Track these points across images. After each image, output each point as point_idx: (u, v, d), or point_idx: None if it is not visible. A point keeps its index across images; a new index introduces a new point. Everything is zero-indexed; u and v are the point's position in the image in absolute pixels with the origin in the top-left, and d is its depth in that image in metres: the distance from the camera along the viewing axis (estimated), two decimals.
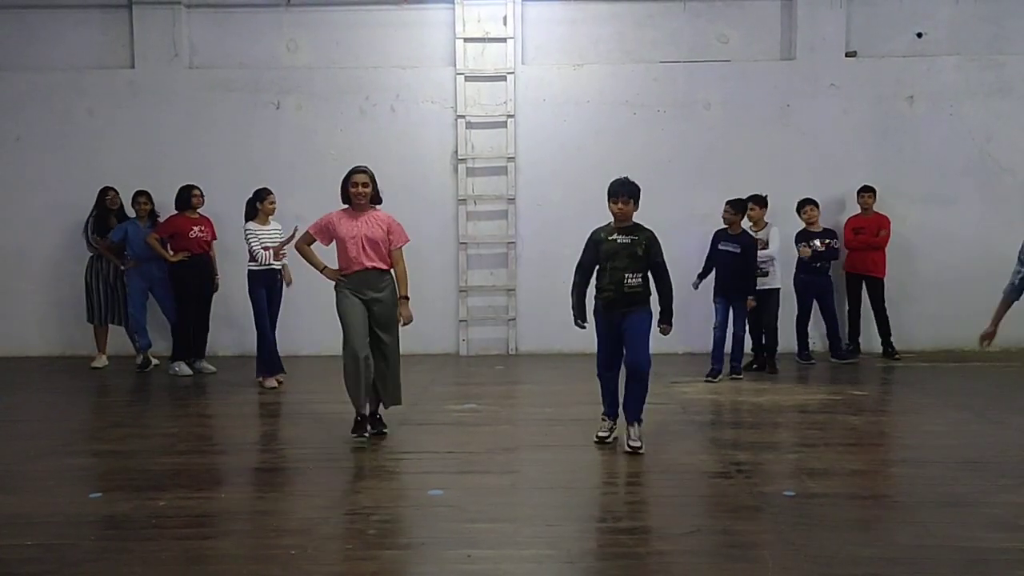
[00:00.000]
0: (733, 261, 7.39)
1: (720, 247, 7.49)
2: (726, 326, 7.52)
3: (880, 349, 8.66)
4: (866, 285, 8.59)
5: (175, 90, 9.08)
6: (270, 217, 7.43)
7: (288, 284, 7.75)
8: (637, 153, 8.97)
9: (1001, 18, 8.98)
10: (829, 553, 3.61)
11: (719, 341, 7.51)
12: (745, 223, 7.75)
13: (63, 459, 5.21)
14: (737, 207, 7.52)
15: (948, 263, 8.98)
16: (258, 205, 7.33)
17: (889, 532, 3.87)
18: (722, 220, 7.57)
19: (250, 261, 7.28)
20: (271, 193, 7.43)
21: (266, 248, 7.24)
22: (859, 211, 8.65)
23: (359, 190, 5.60)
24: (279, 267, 7.42)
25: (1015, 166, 8.97)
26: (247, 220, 7.34)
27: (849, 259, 8.65)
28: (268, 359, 7.38)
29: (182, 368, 7.98)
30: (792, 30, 9.01)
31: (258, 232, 7.27)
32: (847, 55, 9.01)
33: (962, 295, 8.95)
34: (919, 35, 9.04)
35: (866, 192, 8.58)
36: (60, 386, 7.75)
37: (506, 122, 9.05)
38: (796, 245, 8.29)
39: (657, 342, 9.27)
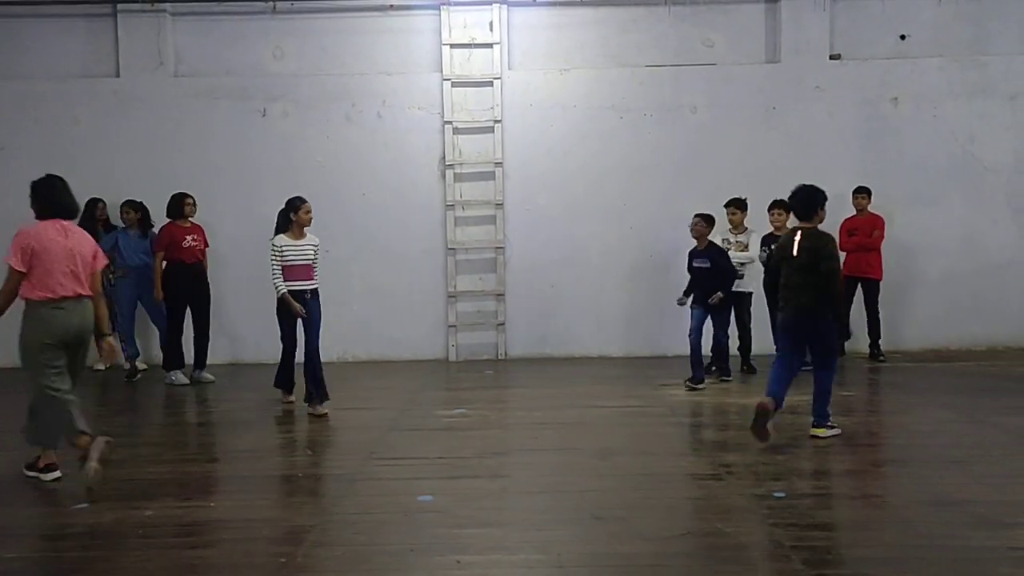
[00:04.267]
0: (705, 276, 7.35)
1: (695, 264, 7.47)
2: (701, 331, 7.40)
3: (867, 350, 8.68)
4: (862, 287, 8.55)
5: (161, 98, 9.04)
6: (306, 229, 6.52)
7: None
8: (623, 157, 9.00)
9: (982, 19, 9.06)
10: (819, 553, 3.63)
11: (696, 346, 7.36)
12: (722, 228, 7.82)
13: None
14: (709, 220, 7.47)
15: (933, 263, 9.04)
16: (292, 216, 6.42)
17: (878, 532, 3.88)
18: (692, 234, 7.44)
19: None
20: (305, 202, 6.46)
21: (288, 269, 6.37)
22: (854, 212, 8.61)
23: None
24: (312, 287, 6.49)
25: (998, 166, 9.05)
26: (277, 233, 6.50)
27: (846, 262, 8.60)
28: (283, 374, 6.86)
29: (178, 377, 7.87)
30: (776, 33, 9.07)
31: (285, 249, 6.38)
32: (831, 58, 9.07)
33: (947, 295, 9.03)
34: (902, 37, 9.11)
35: (860, 193, 8.55)
36: None
37: (493, 127, 9.06)
38: (760, 247, 8.26)
39: (649, 345, 9.30)
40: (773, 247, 8.08)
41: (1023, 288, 9.03)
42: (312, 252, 6.48)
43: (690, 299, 7.49)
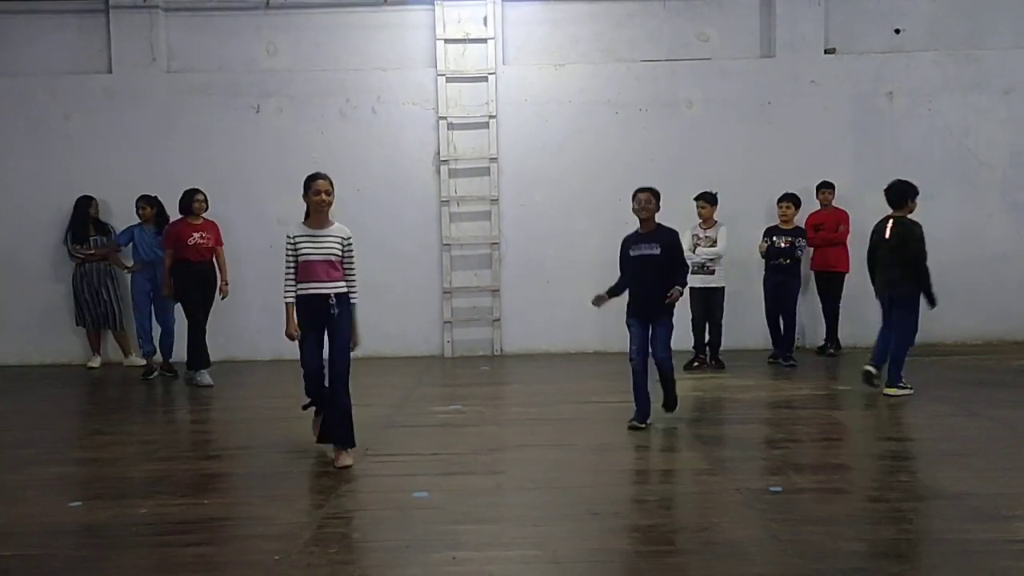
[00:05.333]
0: (653, 266, 5.59)
1: (632, 253, 5.71)
2: (647, 353, 5.71)
3: (822, 343, 8.66)
4: (827, 280, 8.54)
5: (153, 94, 9.00)
6: (333, 216, 5.08)
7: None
8: (619, 152, 8.98)
9: (977, 13, 9.06)
10: (815, 548, 3.61)
11: (640, 373, 5.68)
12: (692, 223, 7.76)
13: (44, 468, 5.13)
14: (658, 196, 5.71)
15: (928, 256, 8.98)
16: (304, 199, 4.99)
17: (874, 525, 3.88)
18: (639, 214, 5.70)
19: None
20: (317, 178, 4.94)
21: (305, 266, 4.90)
22: (819, 207, 8.59)
23: None
24: (337, 289, 4.99)
25: (993, 160, 9.05)
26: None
27: (814, 257, 8.60)
28: (330, 423, 5.08)
29: (203, 378, 7.58)
30: (771, 28, 9.05)
31: (300, 241, 4.93)
32: (826, 52, 9.06)
33: (942, 288, 8.96)
34: (897, 31, 9.11)
35: (825, 188, 8.55)
36: (44, 394, 7.64)
37: (488, 123, 9.04)
38: (763, 238, 8.21)
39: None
40: (775, 239, 8.12)
41: (1018, 282, 9.04)
42: (337, 246, 4.99)
43: (609, 299, 5.85)
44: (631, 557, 3.60)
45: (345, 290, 5.05)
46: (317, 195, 4.93)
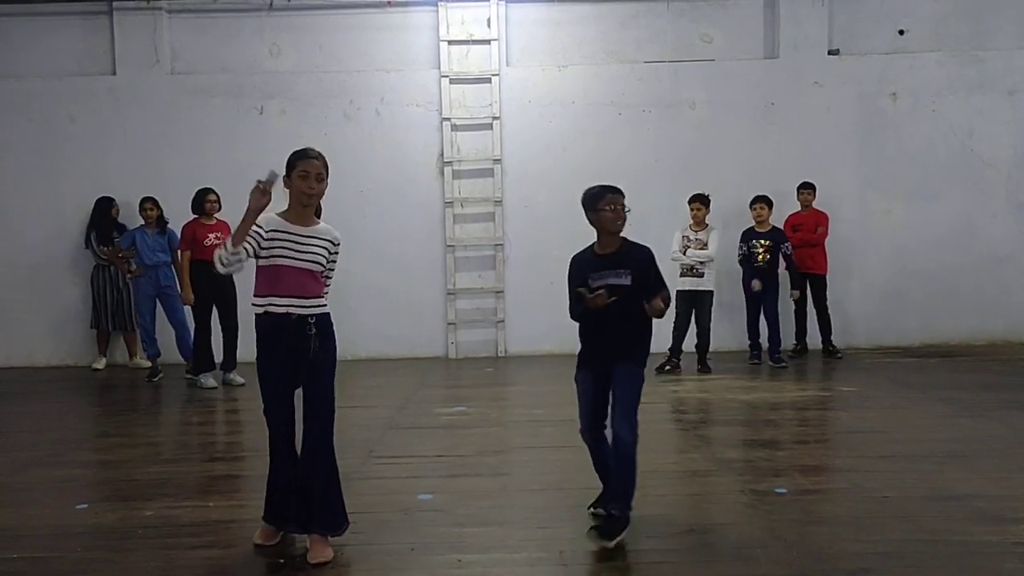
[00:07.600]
0: (621, 303, 3.83)
1: (593, 283, 3.95)
2: (602, 423, 3.96)
3: (821, 347, 8.58)
4: (809, 283, 8.48)
5: (157, 96, 9.02)
6: (312, 211, 3.79)
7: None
8: (622, 153, 8.98)
9: (981, 14, 9.05)
10: (820, 549, 3.62)
11: (597, 452, 3.99)
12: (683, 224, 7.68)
13: (50, 470, 5.14)
14: (618, 194, 3.93)
15: (932, 258, 9.03)
16: (286, 183, 3.79)
17: (879, 527, 3.87)
18: (605, 225, 3.97)
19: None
20: (307, 157, 3.79)
21: (274, 274, 3.63)
22: (799, 208, 8.55)
23: None
24: (316, 309, 3.65)
25: (997, 161, 9.04)
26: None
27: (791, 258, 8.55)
28: (307, 501, 3.67)
29: (207, 380, 7.52)
30: (775, 29, 9.05)
31: (275, 237, 3.67)
32: (830, 53, 9.06)
33: (947, 289, 9.03)
34: (901, 32, 9.10)
35: (806, 189, 8.49)
36: (49, 396, 7.65)
37: (491, 124, 9.04)
38: (739, 243, 8.16)
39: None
40: (754, 242, 8.07)
41: (1022, 282, 9.04)
42: (323, 254, 3.69)
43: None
44: (637, 559, 3.60)
45: (328, 311, 3.68)
46: (305, 178, 3.62)
